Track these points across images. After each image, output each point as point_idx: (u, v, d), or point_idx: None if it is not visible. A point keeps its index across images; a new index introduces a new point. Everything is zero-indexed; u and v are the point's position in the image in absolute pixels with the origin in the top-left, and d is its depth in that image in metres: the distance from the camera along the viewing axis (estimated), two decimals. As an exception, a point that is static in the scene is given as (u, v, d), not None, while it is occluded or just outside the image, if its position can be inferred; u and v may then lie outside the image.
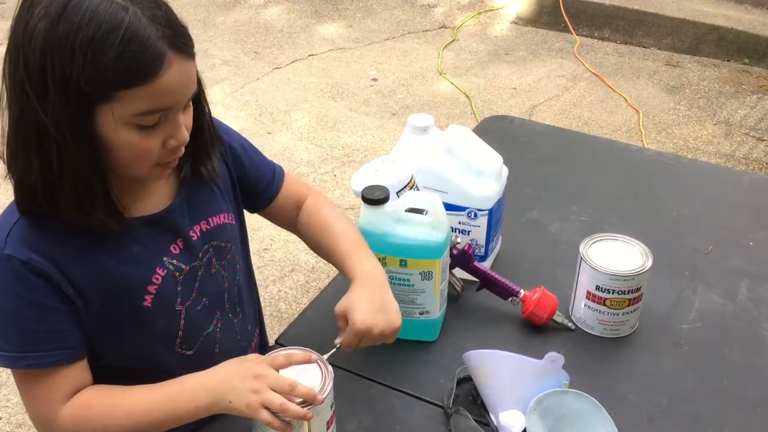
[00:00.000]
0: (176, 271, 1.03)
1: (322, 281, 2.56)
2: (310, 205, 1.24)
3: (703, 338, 1.23)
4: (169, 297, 1.02)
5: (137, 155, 0.91)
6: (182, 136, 0.93)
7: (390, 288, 1.09)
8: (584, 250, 1.20)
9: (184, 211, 1.05)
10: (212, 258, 1.08)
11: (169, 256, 1.03)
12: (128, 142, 0.89)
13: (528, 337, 1.22)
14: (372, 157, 2.74)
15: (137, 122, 0.88)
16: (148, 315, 1.01)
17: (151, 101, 0.87)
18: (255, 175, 1.19)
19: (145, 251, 1.00)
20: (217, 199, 1.11)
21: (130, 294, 0.99)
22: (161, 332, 1.04)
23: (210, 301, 1.08)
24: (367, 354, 1.19)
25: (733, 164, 3.25)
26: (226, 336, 1.12)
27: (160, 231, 1.03)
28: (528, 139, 1.85)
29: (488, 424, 1.05)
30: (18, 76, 0.84)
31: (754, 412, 1.10)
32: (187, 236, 1.05)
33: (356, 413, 1.08)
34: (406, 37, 4.55)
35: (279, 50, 4.31)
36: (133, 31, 0.82)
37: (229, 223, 1.12)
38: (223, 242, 1.10)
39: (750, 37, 4.15)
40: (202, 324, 1.08)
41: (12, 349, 0.93)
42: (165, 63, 0.85)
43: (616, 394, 1.11)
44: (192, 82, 0.92)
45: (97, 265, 0.95)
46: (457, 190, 1.25)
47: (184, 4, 4.79)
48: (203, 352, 1.08)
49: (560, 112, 3.69)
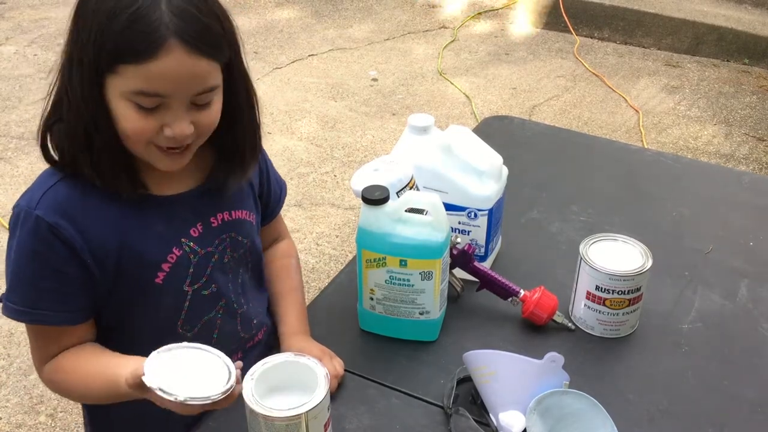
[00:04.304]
0: (191, 253, 1.07)
1: (322, 281, 2.56)
2: (287, 247, 1.32)
3: (703, 338, 1.23)
4: (179, 277, 1.06)
5: (132, 131, 0.94)
6: (179, 128, 0.95)
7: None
8: (584, 250, 1.20)
9: (211, 197, 1.09)
10: (227, 248, 1.11)
11: (188, 238, 1.06)
12: (125, 116, 0.93)
13: (528, 337, 1.22)
14: (372, 157, 2.74)
15: (135, 100, 0.92)
16: (158, 291, 1.05)
17: (145, 82, 0.90)
18: (272, 188, 1.24)
19: (167, 229, 1.05)
20: (244, 196, 1.15)
21: (145, 268, 1.03)
22: (166, 310, 1.08)
23: (217, 289, 1.11)
24: (366, 354, 1.19)
25: (733, 164, 3.25)
26: (226, 324, 1.14)
27: (185, 211, 1.07)
28: (528, 139, 1.85)
29: (488, 424, 1.05)
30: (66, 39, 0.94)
31: (754, 412, 1.10)
32: (207, 222, 1.08)
33: (356, 413, 1.08)
34: (406, 37, 4.55)
35: (279, 50, 4.31)
36: (143, 12, 0.88)
37: (249, 221, 1.15)
38: (240, 236, 1.13)
39: (750, 37, 4.15)
40: (205, 308, 1.11)
41: (22, 303, 1.00)
42: (163, 48, 0.88)
43: (616, 394, 1.11)
44: (199, 78, 0.93)
45: (120, 236, 1.01)
46: (457, 190, 1.25)
47: (184, 4, 4.78)
48: (202, 336, 1.11)
49: (560, 112, 3.69)
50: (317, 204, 2.98)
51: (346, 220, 2.90)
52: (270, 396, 0.94)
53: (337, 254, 2.72)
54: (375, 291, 1.17)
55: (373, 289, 1.17)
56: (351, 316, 1.24)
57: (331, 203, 2.99)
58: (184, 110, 0.95)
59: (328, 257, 2.70)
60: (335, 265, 2.65)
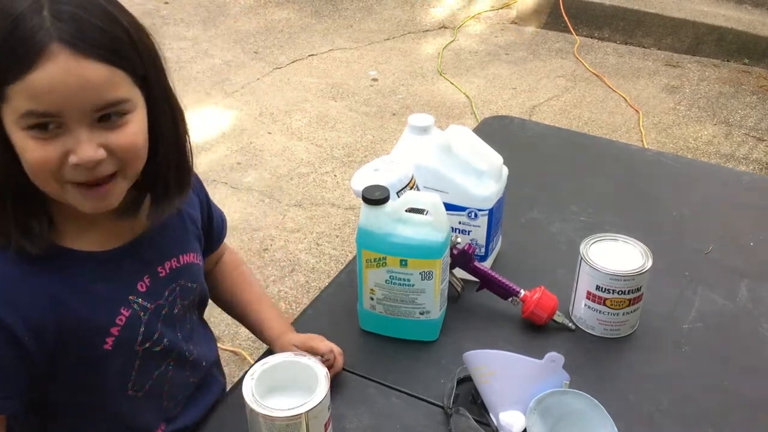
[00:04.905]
0: (141, 310, 0.96)
1: (322, 281, 2.56)
2: (233, 258, 1.27)
3: (703, 338, 1.23)
4: (130, 338, 0.96)
5: (33, 164, 0.81)
6: (83, 153, 0.81)
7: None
8: (584, 250, 1.20)
9: (155, 244, 0.99)
10: (177, 297, 1.02)
11: (135, 294, 0.95)
12: (23, 148, 0.81)
13: (528, 337, 1.22)
14: (372, 157, 2.74)
15: (28, 125, 0.79)
16: (106, 357, 0.94)
17: (31, 100, 0.77)
18: (215, 219, 1.16)
19: (111, 289, 0.93)
20: (190, 238, 1.06)
21: (91, 337, 0.92)
22: (115, 374, 0.97)
23: (169, 343, 1.02)
24: (366, 354, 1.19)
25: (733, 164, 3.25)
26: (177, 375, 1.06)
27: (128, 265, 0.96)
28: (528, 139, 1.85)
29: (488, 424, 1.05)
30: None
31: (754, 412, 1.10)
32: (155, 272, 0.98)
33: (356, 413, 1.08)
34: (406, 37, 4.55)
35: (279, 50, 4.30)
36: (20, 19, 0.76)
37: (196, 264, 1.06)
38: (189, 282, 1.05)
39: (750, 37, 4.15)
40: (156, 365, 1.02)
41: None
42: (44, 54, 0.76)
43: (616, 394, 1.11)
44: (94, 87, 0.80)
45: (58, 306, 0.88)
46: (457, 190, 1.25)
47: (185, 4, 4.79)
48: (152, 393, 1.03)
49: (560, 112, 3.69)
50: (317, 204, 2.98)
51: (346, 220, 2.90)
52: (270, 396, 0.94)
53: (337, 254, 2.72)
54: (375, 291, 1.17)
55: (373, 289, 1.17)
56: (351, 316, 1.24)
57: (331, 203, 2.99)
58: (86, 130, 0.81)
59: (328, 257, 2.70)
60: (335, 265, 2.65)
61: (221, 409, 1.11)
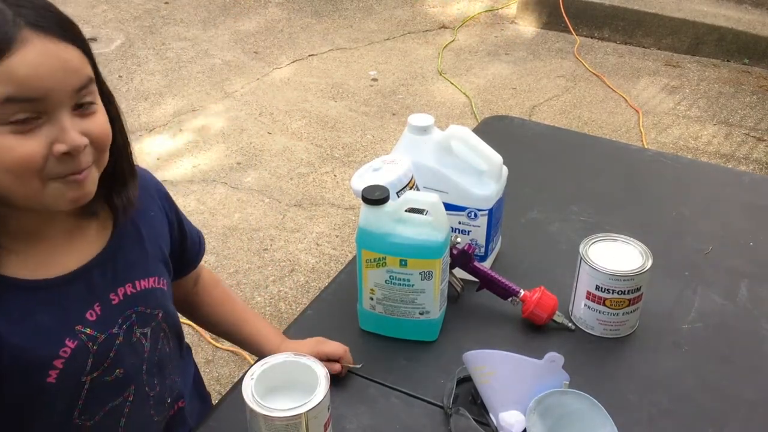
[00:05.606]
0: (89, 340, 0.90)
1: (322, 281, 2.56)
2: (211, 278, 1.24)
3: (703, 338, 1.23)
4: (76, 371, 0.90)
5: (19, 162, 0.79)
6: (71, 139, 0.80)
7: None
8: (584, 250, 1.20)
9: (107, 270, 0.94)
10: (134, 325, 0.96)
11: (83, 324, 0.90)
12: (4, 147, 0.77)
13: (528, 337, 1.22)
14: (372, 157, 2.74)
15: (7, 116, 0.77)
16: (50, 391, 0.88)
17: (8, 86, 0.75)
18: (189, 238, 1.12)
19: (54, 319, 0.88)
20: (149, 260, 1.00)
21: (32, 371, 0.87)
22: (61, 403, 0.92)
23: (125, 373, 0.96)
24: (366, 354, 1.19)
25: (733, 164, 3.25)
26: (137, 410, 1.00)
27: (76, 293, 0.90)
28: (528, 139, 1.85)
29: (488, 424, 1.05)
30: None
31: (754, 412, 1.10)
32: (106, 300, 0.93)
33: (356, 413, 1.08)
34: (406, 37, 4.55)
35: (279, 50, 4.31)
36: None
37: (159, 288, 1.00)
38: (148, 308, 0.98)
39: (750, 37, 4.15)
40: (108, 396, 0.96)
41: None
42: (18, 39, 0.75)
43: (616, 394, 1.11)
44: (72, 67, 0.80)
45: None
46: (457, 190, 1.25)
47: (185, 4, 4.79)
48: (105, 424, 0.96)
49: (560, 112, 3.69)
50: (317, 204, 2.98)
51: (346, 220, 2.90)
52: (270, 396, 0.94)
53: (337, 254, 2.72)
54: (375, 291, 1.17)
55: (373, 289, 1.17)
56: (351, 316, 1.24)
57: (331, 203, 2.99)
58: (68, 117, 0.81)
59: (328, 257, 2.70)
60: (335, 265, 2.65)
61: (221, 409, 1.11)
